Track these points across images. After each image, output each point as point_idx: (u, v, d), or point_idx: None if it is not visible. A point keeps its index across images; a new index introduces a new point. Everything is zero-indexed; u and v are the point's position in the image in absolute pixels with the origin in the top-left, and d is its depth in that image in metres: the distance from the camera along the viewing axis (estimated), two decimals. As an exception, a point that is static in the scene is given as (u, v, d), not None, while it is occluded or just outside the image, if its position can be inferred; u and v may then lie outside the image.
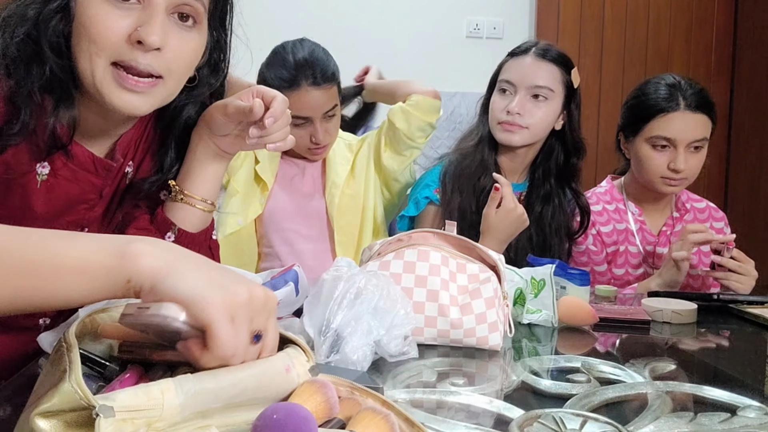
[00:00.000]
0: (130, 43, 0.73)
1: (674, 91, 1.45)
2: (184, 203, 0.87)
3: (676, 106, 1.43)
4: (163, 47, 0.74)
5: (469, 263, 0.94)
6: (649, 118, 1.46)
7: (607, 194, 1.59)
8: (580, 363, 0.86)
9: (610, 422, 0.63)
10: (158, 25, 0.73)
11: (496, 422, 0.68)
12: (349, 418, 0.52)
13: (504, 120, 1.44)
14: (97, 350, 0.58)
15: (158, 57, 0.74)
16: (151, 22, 0.72)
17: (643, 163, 1.48)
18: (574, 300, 1.06)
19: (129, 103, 0.76)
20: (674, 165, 1.43)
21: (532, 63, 1.46)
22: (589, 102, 3.26)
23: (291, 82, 1.38)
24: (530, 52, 1.46)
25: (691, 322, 1.10)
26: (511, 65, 1.48)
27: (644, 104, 1.48)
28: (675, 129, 1.43)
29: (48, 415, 0.44)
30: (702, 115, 1.44)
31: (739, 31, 3.25)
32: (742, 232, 1.64)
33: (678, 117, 1.43)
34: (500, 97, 1.47)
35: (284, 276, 0.89)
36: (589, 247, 1.51)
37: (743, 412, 0.70)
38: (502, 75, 1.48)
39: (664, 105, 1.44)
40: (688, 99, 1.44)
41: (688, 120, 1.43)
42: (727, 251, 1.36)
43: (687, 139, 1.43)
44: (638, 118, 1.49)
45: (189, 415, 0.46)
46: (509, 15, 3.18)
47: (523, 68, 1.46)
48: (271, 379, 0.51)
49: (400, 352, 0.83)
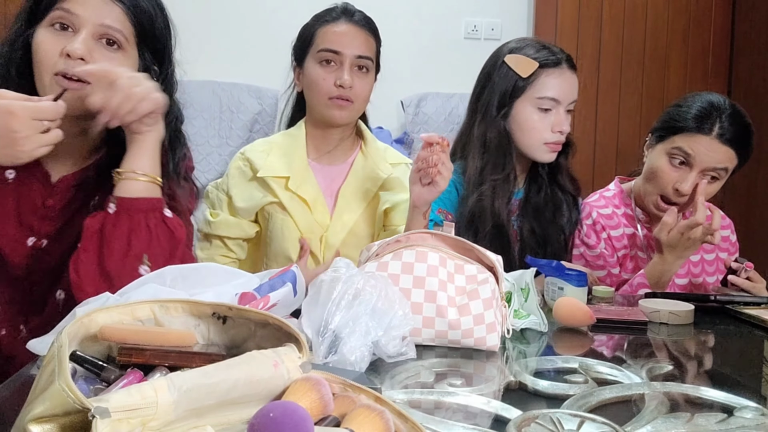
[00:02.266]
0: (62, 56, 0.94)
1: (712, 112, 1.38)
2: (123, 179, 0.96)
3: (708, 132, 1.37)
4: (88, 59, 0.94)
5: (467, 264, 0.94)
6: (677, 132, 1.40)
7: (615, 198, 1.56)
8: (578, 364, 0.86)
9: (607, 423, 0.63)
10: (80, 42, 0.94)
11: (493, 423, 0.68)
12: (343, 415, 0.52)
13: (552, 141, 1.41)
14: (95, 352, 0.58)
15: (86, 65, 0.93)
16: (75, 40, 0.94)
17: (657, 174, 1.43)
18: (572, 301, 1.06)
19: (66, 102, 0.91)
20: (679, 185, 1.39)
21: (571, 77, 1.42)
22: (587, 103, 3.26)
23: (331, 15, 1.38)
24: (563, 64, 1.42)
25: (688, 323, 1.10)
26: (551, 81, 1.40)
27: (679, 117, 1.41)
28: (699, 152, 1.37)
29: (42, 420, 0.43)
30: (729, 149, 1.38)
31: (737, 32, 3.26)
32: (738, 233, 1.64)
33: (706, 143, 1.37)
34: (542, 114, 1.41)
35: (282, 276, 0.89)
36: (602, 250, 1.50)
37: (740, 413, 0.70)
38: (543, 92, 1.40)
39: (696, 126, 1.38)
40: (725, 128, 1.37)
41: (715, 150, 1.37)
42: (744, 272, 1.35)
43: (706, 164, 1.38)
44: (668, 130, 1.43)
45: (183, 413, 0.46)
46: (507, 16, 3.18)
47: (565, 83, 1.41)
48: (260, 375, 0.52)
49: (398, 353, 0.83)
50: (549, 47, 1.44)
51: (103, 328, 0.56)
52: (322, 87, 1.36)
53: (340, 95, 1.35)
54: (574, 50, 3.23)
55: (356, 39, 1.37)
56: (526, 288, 1.04)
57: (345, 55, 1.35)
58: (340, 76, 1.35)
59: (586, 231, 1.51)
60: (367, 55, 1.38)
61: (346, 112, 1.38)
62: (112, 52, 0.97)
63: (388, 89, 1.34)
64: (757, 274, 1.36)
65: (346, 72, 1.35)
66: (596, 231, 1.51)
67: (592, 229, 1.51)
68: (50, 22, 0.96)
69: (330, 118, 1.39)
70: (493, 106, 1.43)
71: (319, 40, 1.38)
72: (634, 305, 1.18)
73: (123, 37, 0.97)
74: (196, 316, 0.62)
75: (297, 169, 1.40)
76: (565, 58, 1.43)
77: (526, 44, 1.44)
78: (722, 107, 1.39)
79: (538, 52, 1.41)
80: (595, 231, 1.51)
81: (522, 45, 1.44)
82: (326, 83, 1.36)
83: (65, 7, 0.94)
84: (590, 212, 1.53)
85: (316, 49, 1.37)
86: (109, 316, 0.58)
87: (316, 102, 1.39)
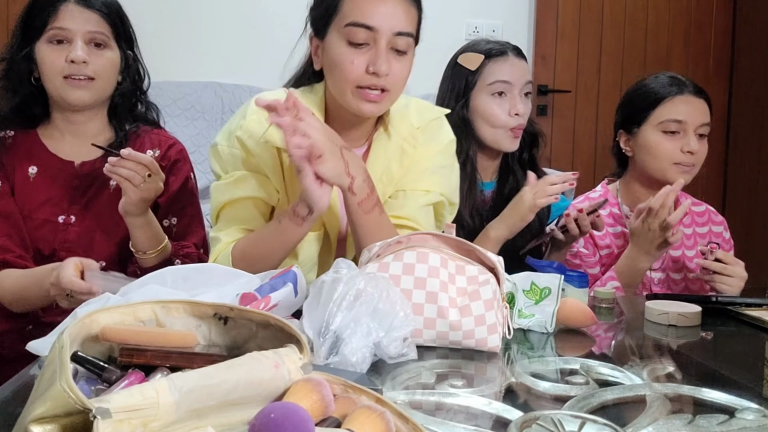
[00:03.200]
0: (68, 62, 1.20)
1: (675, 80, 1.50)
2: (138, 258, 1.22)
3: (680, 91, 1.47)
4: (89, 61, 1.20)
5: (468, 265, 0.94)
6: (656, 103, 1.48)
7: (601, 198, 1.58)
8: (579, 365, 0.86)
9: (608, 424, 0.63)
10: (79, 49, 1.20)
11: (494, 424, 0.68)
12: (344, 416, 0.52)
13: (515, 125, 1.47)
14: (96, 352, 0.58)
15: (88, 67, 1.20)
16: (74, 48, 1.19)
17: (654, 150, 1.48)
18: (573, 302, 1.06)
19: (78, 96, 1.22)
20: (688, 147, 1.45)
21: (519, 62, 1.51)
22: (588, 104, 3.26)
23: None
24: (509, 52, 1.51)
25: (696, 324, 1.10)
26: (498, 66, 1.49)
27: (648, 93, 1.51)
28: (685, 111, 1.46)
29: (43, 421, 0.44)
30: (703, 101, 1.48)
31: (738, 34, 3.26)
32: (740, 233, 1.64)
33: (685, 100, 1.47)
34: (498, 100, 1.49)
35: (283, 277, 0.89)
36: (580, 249, 1.51)
37: (741, 414, 0.70)
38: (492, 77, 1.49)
39: (669, 90, 1.48)
40: (689, 86, 1.48)
41: (694, 103, 1.47)
42: (711, 254, 1.37)
43: (696, 122, 1.46)
44: (642, 107, 1.51)
45: (184, 414, 0.46)
46: (508, 17, 3.19)
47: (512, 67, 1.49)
48: (260, 376, 0.52)
49: (400, 354, 0.83)
50: (497, 41, 1.54)
51: (105, 328, 0.57)
52: (350, 72, 1.06)
53: (372, 84, 1.07)
54: (575, 51, 3.24)
55: (397, 9, 1.06)
56: (544, 290, 1.03)
57: (381, 33, 1.05)
58: (375, 60, 1.05)
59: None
60: (408, 30, 1.09)
61: (378, 105, 1.10)
62: (102, 50, 1.23)
63: None
64: (730, 255, 1.38)
65: (382, 54, 1.05)
66: None
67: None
68: (48, 40, 1.20)
69: (358, 111, 1.10)
70: (452, 102, 1.50)
71: (347, 8, 1.06)
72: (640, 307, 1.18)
73: (106, 37, 1.23)
74: (197, 317, 0.62)
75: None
76: (511, 47, 1.51)
77: (475, 42, 1.55)
78: (676, 75, 1.53)
79: (485, 46, 1.51)
80: None
81: (472, 44, 1.55)
82: (356, 68, 1.06)
83: (57, 26, 1.20)
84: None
85: (343, 20, 1.06)
86: (111, 316, 0.58)
87: (340, 89, 1.10)
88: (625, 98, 1.58)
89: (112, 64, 1.24)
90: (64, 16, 1.19)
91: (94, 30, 1.21)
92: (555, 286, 1.03)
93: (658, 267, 1.53)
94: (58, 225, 1.24)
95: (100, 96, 1.24)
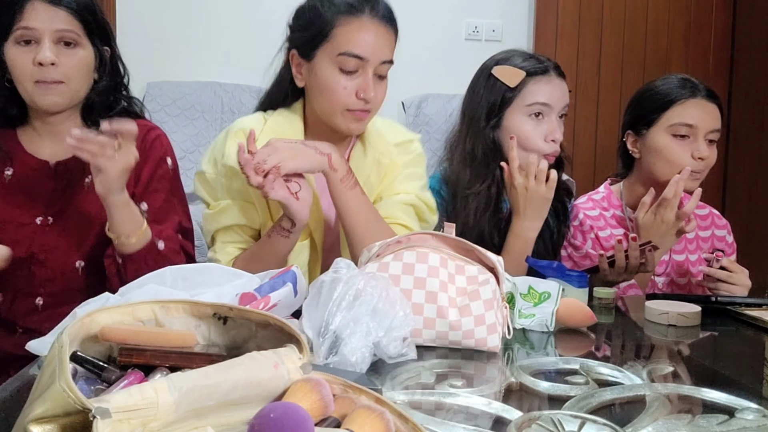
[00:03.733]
0: (36, 65, 1.13)
1: (688, 82, 1.46)
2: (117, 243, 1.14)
3: (693, 94, 1.43)
4: (57, 63, 1.13)
5: (468, 265, 0.94)
6: (666, 106, 1.44)
7: (604, 200, 1.56)
8: (579, 365, 0.86)
9: (608, 424, 0.63)
10: (47, 50, 1.13)
11: (494, 424, 0.68)
12: (344, 416, 0.52)
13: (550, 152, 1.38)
14: (96, 352, 0.58)
15: (57, 69, 1.14)
16: (42, 49, 1.13)
17: (663, 154, 1.44)
18: (573, 302, 1.06)
19: (51, 100, 1.16)
20: (699, 153, 1.41)
21: (561, 84, 1.40)
22: (588, 104, 3.26)
23: (353, 6, 1.16)
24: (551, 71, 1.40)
25: (696, 324, 1.10)
26: (540, 87, 1.38)
27: (658, 95, 1.46)
28: (697, 115, 1.42)
29: (42, 420, 0.43)
30: (715, 106, 1.44)
31: (738, 33, 3.26)
32: (740, 234, 1.64)
33: (697, 104, 1.43)
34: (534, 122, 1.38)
35: (282, 277, 0.89)
36: (588, 250, 1.50)
37: (741, 414, 0.70)
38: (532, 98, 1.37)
39: (682, 92, 1.44)
40: (702, 90, 1.44)
41: (707, 108, 1.43)
42: (716, 262, 1.35)
43: (708, 127, 1.42)
44: (652, 109, 1.46)
45: (184, 414, 0.46)
46: (508, 17, 3.18)
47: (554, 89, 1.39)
48: (260, 375, 0.52)
49: (399, 354, 0.83)
50: (536, 56, 1.43)
51: (104, 328, 0.57)
52: (342, 97, 1.16)
53: (360, 108, 1.18)
54: (575, 51, 3.23)
55: (383, 40, 1.18)
56: (543, 294, 1.03)
57: (371, 62, 1.16)
58: (364, 87, 1.16)
59: (572, 232, 1.51)
60: (391, 58, 1.21)
61: (363, 123, 1.22)
62: (72, 49, 1.16)
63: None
64: (735, 263, 1.36)
65: (370, 82, 1.16)
66: (583, 232, 1.51)
67: (578, 230, 1.51)
68: (16, 40, 1.14)
69: (346, 130, 1.22)
70: (482, 119, 1.41)
71: (340, 39, 1.15)
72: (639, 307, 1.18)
73: (75, 35, 1.16)
74: (196, 317, 0.62)
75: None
76: (553, 65, 1.40)
77: (513, 54, 1.43)
78: (688, 78, 1.48)
79: (525, 61, 1.39)
80: (582, 232, 1.51)
81: (509, 56, 1.43)
82: (347, 93, 1.16)
83: (23, 26, 1.13)
84: (577, 213, 1.53)
85: (335, 49, 1.15)
86: (110, 316, 0.58)
87: (330, 111, 1.19)
88: (635, 99, 1.54)
89: (84, 63, 1.18)
90: (30, 15, 1.12)
91: (63, 28, 1.14)
92: (555, 290, 1.03)
93: (662, 272, 1.52)
94: (36, 227, 1.20)
95: (74, 98, 1.19)
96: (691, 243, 1.55)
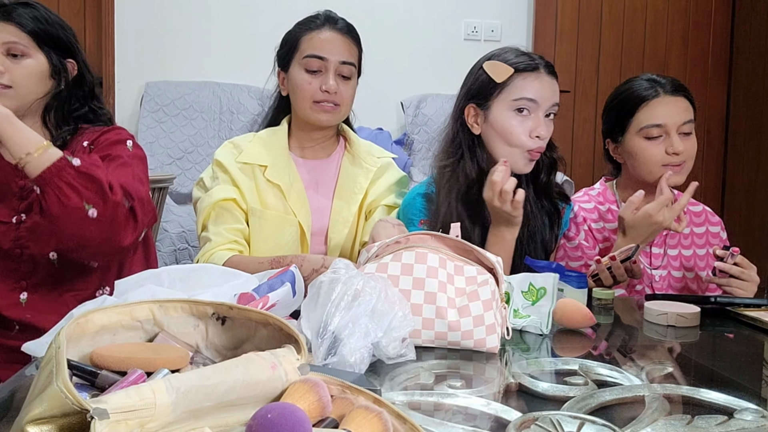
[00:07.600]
0: None
1: (651, 82, 1.48)
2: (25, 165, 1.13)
3: (656, 93, 1.46)
4: (6, 70, 1.26)
5: (466, 265, 0.94)
6: (633, 110, 1.47)
7: (599, 196, 1.59)
8: (578, 365, 0.86)
9: (607, 425, 0.63)
10: None
11: (493, 424, 0.68)
12: (341, 416, 0.52)
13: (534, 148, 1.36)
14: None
15: (5, 76, 1.26)
16: None
17: (639, 156, 1.47)
18: (572, 303, 1.06)
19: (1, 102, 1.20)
20: (672, 149, 1.44)
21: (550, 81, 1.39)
22: (587, 105, 3.27)
23: (315, 23, 1.43)
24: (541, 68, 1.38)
25: (695, 325, 1.10)
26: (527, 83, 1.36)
27: (625, 100, 1.50)
28: (662, 114, 1.45)
29: (40, 421, 0.43)
30: (682, 98, 1.47)
31: (736, 35, 3.26)
32: (739, 234, 1.64)
33: (662, 102, 1.45)
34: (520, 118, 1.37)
35: (281, 277, 0.89)
36: (581, 242, 1.51)
37: (740, 415, 0.70)
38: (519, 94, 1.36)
39: (645, 94, 1.47)
40: (665, 86, 1.47)
41: (672, 103, 1.46)
42: (731, 257, 1.35)
43: (677, 122, 1.45)
44: (622, 115, 1.50)
45: (182, 415, 0.46)
46: (507, 18, 3.19)
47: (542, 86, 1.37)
48: (258, 377, 0.52)
49: (398, 355, 0.83)
50: (528, 54, 1.42)
51: (94, 354, 0.56)
52: (308, 91, 1.41)
53: (325, 99, 1.41)
54: (574, 52, 3.24)
55: (341, 45, 1.42)
56: (540, 290, 1.03)
57: (330, 61, 1.40)
58: (326, 81, 1.39)
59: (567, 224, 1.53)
60: (351, 60, 1.43)
61: (331, 115, 1.43)
62: (21, 60, 1.28)
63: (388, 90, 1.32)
64: (746, 260, 1.37)
65: (331, 77, 1.40)
66: (577, 223, 1.53)
67: (573, 221, 1.54)
68: None
69: (316, 121, 1.43)
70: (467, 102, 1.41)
71: (304, 47, 1.42)
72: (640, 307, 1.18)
73: (23, 46, 1.28)
74: (195, 316, 0.61)
75: (276, 159, 1.44)
76: (544, 63, 1.39)
77: (506, 51, 1.43)
78: (652, 76, 1.50)
79: (517, 58, 1.39)
80: (576, 223, 1.53)
81: (501, 52, 1.43)
82: (312, 88, 1.40)
83: None
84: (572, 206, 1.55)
85: (301, 55, 1.41)
86: (107, 316, 0.58)
87: (301, 106, 1.43)
88: (606, 106, 1.57)
89: (31, 72, 1.29)
90: None
91: (9, 40, 1.28)
92: (550, 285, 1.03)
93: (659, 265, 1.53)
94: (11, 225, 1.28)
95: (21, 102, 1.29)
96: (686, 238, 1.56)
